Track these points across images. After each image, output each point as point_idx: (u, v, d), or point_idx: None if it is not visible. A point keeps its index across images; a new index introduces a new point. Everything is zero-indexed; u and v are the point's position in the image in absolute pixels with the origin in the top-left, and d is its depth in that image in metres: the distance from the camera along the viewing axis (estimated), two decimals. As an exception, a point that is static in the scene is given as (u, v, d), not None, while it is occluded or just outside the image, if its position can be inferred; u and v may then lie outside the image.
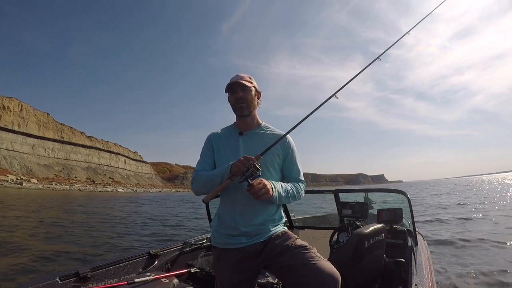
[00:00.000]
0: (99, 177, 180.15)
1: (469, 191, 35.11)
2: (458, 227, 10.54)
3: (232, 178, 1.80)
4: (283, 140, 2.02)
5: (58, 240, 9.57)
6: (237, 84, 2.01)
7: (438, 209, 17.35)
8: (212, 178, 1.88)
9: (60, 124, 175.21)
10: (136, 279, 2.35)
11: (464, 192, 34.80)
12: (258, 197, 1.73)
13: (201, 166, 2.03)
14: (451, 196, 29.59)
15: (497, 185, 45.81)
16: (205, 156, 2.07)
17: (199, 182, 1.94)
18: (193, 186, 1.98)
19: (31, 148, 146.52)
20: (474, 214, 13.86)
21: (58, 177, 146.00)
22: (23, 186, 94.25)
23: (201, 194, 1.98)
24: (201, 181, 1.94)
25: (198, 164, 2.06)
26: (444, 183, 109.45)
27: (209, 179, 1.89)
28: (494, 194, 27.27)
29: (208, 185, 1.89)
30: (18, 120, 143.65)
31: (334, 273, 1.70)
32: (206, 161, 2.05)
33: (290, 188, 1.95)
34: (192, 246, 3.61)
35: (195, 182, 1.97)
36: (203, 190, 1.94)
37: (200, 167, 2.03)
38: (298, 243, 1.87)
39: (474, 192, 33.96)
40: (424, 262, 2.91)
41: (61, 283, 2.31)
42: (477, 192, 32.93)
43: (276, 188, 1.84)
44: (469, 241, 8.13)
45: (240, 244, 1.89)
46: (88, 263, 3.03)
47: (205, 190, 1.93)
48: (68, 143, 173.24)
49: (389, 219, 3.36)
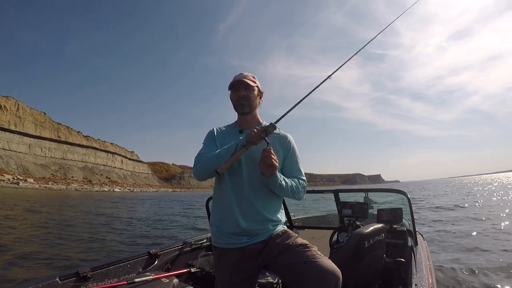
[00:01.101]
0: (96, 176, 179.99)
1: (468, 192, 35.02)
2: (458, 227, 10.58)
3: (247, 146, 1.79)
4: (284, 139, 2.03)
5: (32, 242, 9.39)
6: (241, 82, 2.01)
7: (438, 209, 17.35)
8: (220, 153, 1.85)
9: (56, 123, 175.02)
10: (136, 279, 2.35)
11: (465, 193, 34.71)
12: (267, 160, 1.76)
13: (206, 150, 1.98)
14: (451, 196, 29.58)
15: (497, 186, 45.77)
16: (209, 144, 2.03)
17: (205, 160, 1.89)
18: (196, 168, 1.92)
19: (27, 148, 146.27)
20: (473, 214, 13.91)
21: (55, 176, 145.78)
22: (19, 186, 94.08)
23: (205, 176, 1.92)
24: (207, 159, 1.88)
25: (202, 149, 2.02)
26: (440, 183, 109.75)
27: (217, 154, 1.85)
28: (494, 194, 27.24)
29: (215, 160, 1.84)
30: (15, 119, 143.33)
31: (335, 271, 1.70)
32: (210, 146, 2.01)
33: (291, 182, 1.94)
34: (192, 246, 3.61)
35: (199, 162, 1.91)
36: (208, 169, 1.87)
37: (205, 151, 1.98)
38: (299, 242, 1.87)
39: (473, 192, 33.90)
40: (424, 262, 2.92)
41: (61, 283, 2.30)
42: (477, 192, 32.96)
43: (281, 176, 1.88)
44: (469, 241, 8.16)
45: (241, 243, 1.88)
46: (88, 263, 3.01)
47: (212, 167, 1.84)
48: (65, 143, 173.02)
49: (389, 219, 3.35)
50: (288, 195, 1.96)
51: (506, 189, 37.22)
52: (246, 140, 1.80)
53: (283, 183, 1.88)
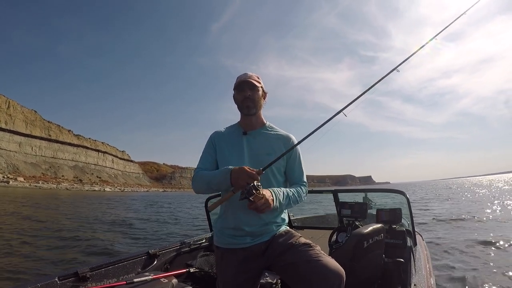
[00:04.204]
0: (87, 176, 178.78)
1: (469, 193, 35.27)
2: (458, 227, 10.70)
3: (234, 191, 1.77)
4: (287, 142, 2.03)
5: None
6: (246, 83, 2.01)
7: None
8: (211, 180, 1.86)
9: (47, 122, 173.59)
10: (135, 279, 2.33)
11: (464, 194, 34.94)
12: (260, 212, 1.74)
13: (203, 165, 2.01)
14: (446, 197, 29.76)
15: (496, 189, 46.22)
16: (207, 155, 2.05)
17: (199, 182, 1.93)
18: (193, 185, 1.97)
19: (18, 146, 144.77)
20: (471, 215, 14.06)
21: (45, 175, 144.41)
22: (9, 185, 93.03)
23: (200, 193, 2.00)
24: (201, 181, 1.92)
25: (199, 162, 2.05)
26: (431, 185, 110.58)
27: (208, 181, 1.88)
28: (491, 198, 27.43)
29: (205, 186, 1.90)
30: (5, 117, 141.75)
31: (338, 270, 1.70)
32: (207, 159, 2.03)
33: (292, 194, 1.94)
34: (191, 246, 3.60)
35: (195, 181, 1.96)
36: (202, 190, 1.94)
37: (202, 165, 2.01)
38: (302, 241, 1.88)
39: (471, 194, 34.12)
40: (423, 262, 2.93)
41: (60, 283, 2.27)
42: (475, 194, 33.25)
43: (278, 198, 1.82)
44: (469, 241, 8.23)
45: (244, 244, 1.88)
46: (87, 263, 2.99)
47: (204, 191, 1.94)
48: (56, 141, 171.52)
49: (388, 219, 3.36)
50: (290, 207, 1.98)
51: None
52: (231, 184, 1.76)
53: (283, 202, 1.87)
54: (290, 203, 1.92)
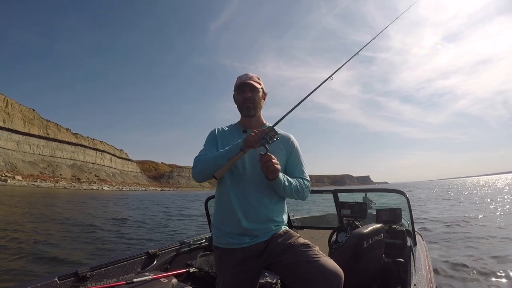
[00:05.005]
0: (85, 174, 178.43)
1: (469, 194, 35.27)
2: (457, 227, 10.72)
3: (245, 150, 1.76)
4: (287, 139, 2.04)
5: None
6: (246, 84, 2.02)
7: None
8: (217, 156, 1.85)
9: (45, 120, 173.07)
10: (135, 279, 2.34)
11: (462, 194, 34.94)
12: (269, 166, 1.74)
13: (205, 152, 1.99)
14: (452, 198, 29.75)
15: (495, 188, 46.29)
16: (209, 146, 2.03)
17: (203, 162, 1.90)
18: (194, 170, 1.93)
19: (16, 145, 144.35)
20: (469, 215, 14.08)
21: (43, 174, 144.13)
22: (7, 183, 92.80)
23: (202, 178, 1.93)
24: (205, 161, 1.89)
25: (202, 150, 2.02)
26: (429, 185, 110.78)
27: (214, 157, 1.85)
28: (494, 197, 27.45)
29: (212, 164, 1.84)
30: (3, 115, 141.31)
31: (337, 270, 1.70)
32: (210, 149, 2.01)
33: (295, 182, 1.94)
34: (190, 246, 3.61)
35: (197, 164, 1.92)
36: (206, 171, 1.88)
37: (204, 153, 1.99)
38: (301, 241, 1.88)
39: (471, 195, 34.09)
40: (423, 262, 2.94)
41: (60, 283, 2.27)
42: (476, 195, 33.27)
43: (285, 176, 1.87)
44: (469, 241, 8.25)
45: (243, 244, 1.88)
46: (87, 263, 2.98)
47: (209, 170, 1.86)
48: (54, 140, 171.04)
49: (388, 219, 3.37)
50: (293, 196, 1.97)
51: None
52: (243, 144, 1.78)
53: (287, 184, 1.88)
54: (292, 190, 1.92)
